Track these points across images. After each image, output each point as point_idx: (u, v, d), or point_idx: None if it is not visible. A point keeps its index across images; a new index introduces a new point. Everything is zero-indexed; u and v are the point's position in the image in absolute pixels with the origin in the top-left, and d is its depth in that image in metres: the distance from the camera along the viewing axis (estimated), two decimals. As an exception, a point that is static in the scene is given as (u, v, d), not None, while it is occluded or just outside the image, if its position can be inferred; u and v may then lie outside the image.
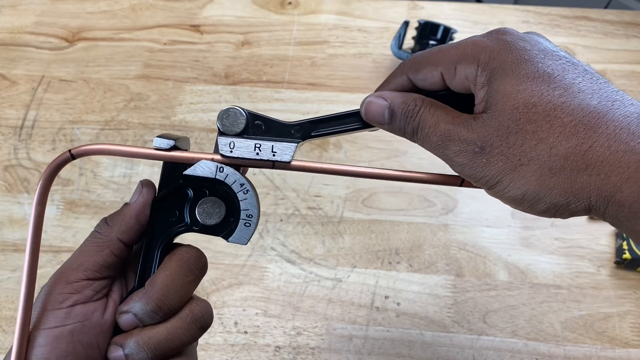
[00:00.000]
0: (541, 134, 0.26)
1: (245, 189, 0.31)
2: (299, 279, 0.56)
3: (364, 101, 0.31)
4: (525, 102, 0.26)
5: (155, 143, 0.31)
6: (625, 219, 0.25)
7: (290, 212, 0.60)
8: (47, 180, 0.30)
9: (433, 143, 0.29)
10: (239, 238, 0.32)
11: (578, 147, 0.25)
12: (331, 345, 0.52)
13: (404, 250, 0.57)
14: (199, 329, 0.31)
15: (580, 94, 0.26)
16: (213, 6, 0.79)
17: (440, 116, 0.29)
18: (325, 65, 0.72)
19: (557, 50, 0.28)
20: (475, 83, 0.28)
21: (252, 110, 0.32)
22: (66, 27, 0.77)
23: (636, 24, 0.75)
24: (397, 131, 0.31)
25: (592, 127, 0.25)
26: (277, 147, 0.31)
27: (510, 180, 0.27)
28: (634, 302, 0.54)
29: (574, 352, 0.51)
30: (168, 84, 0.71)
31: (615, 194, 0.25)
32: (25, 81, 0.71)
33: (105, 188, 0.62)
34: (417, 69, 0.31)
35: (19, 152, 0.65)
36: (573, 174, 0.25)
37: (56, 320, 0.28)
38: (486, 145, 0.27)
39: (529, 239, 0.58)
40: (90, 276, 0.30)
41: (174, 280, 0.30)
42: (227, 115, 0.31)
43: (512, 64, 0.27)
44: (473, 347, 0.52)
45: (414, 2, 0.78)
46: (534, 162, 0.26)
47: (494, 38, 0.29)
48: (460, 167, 0.28)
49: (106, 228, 0.31)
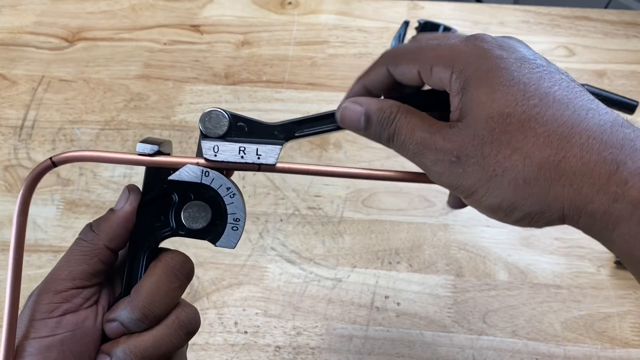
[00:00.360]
0: (515, 144, 0.26)
1: (231, 192, 0.31)
2: (299, 279, 0.56)
3: (340, 106, 0.31)
4: (500, 112, 0.26)
5: (139, 148, 0.30)
6: (598, 229, 0.25)
7: (290, 212, 0.60)
8: (28, 189, 0.29)
9: (409, 151, 0.29)
10: (227, 242, 0.32)
11: (552, 157, 0.25)
12: (331, 345, 0.52)
13: (404, 250, 0.57)
14: (185, 334, 0.31)
15: (555, 104, 0.26)
16: (213, 6, 0.79)
17: (416, 124, 0.29)
18: (325, 65, 0.72)
19: (534, 58, 0.28)
20: (450, 88, 0.28)
21: (235, 112, 0.32)
22: (66, 27, 0.77)
23: (636, 24, 0.75)
24: (373, 137, 0.31)
25: (565, 137, 0.25)
26: (262, 149, 0.31)
27: (486, 190, 0.27)
28: (634, 302, 0.54)
29: (574, 352, 0.51)
30: (168, 84, 0.71)
31: (587, 205, 0.25)
32: (25, 81, 0.71)
33: (105, 188, 0.62)
34: (396, 62, 0.31)
35: (19, 152, 0.65)
36: (547, 184, 0.25)
37: (47, 330, 0.28)
38: (462, 155, 0.27)
39: (529, 239, 0.58)
40: (79, 285, 0.30)
41: (160, 287, 0.30)
42: (210, 118, 0.31)
43: (488, 72, 0.27)
44: (473, 347, 0.52)
45: (414, 2, 0.78)
46: (509, 173, 0.26)
47: (472, 44, 0.29)
48: (438, 176, 0.28)
49: (93, 235, 0.31)
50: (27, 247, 0.57)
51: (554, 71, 0.28)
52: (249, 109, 0.68)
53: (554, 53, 0.73)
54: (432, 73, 0.29)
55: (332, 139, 0.65)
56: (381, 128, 0.30)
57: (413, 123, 0.29)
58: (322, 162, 0.64)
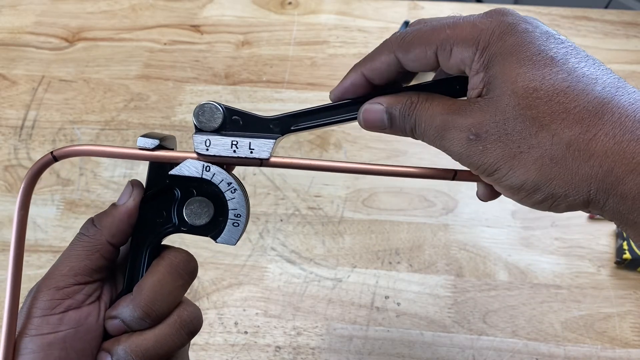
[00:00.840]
0: (542, 120, 0.25)
1: (232, 188, 0.30)
2: (299, 279, 0.56)
3: (360, 109, 0.30)
4: (526, 87, 0.25)
5: (139, 143, 0.30)
6: (627, 211, 0.24)
7: (290, 212, 0.60)
8: (30, 183, 0.29)
9: (431, 137, 0.28)
10: (228, 239, 0.31)
11: (582, 135, 0.24)
12: (331, 345, 0.52)
13: (404, 250, 0.57)
14: (187, 334, 0.30)
15: (584, 79, 0.25)
16: (213, 6, 0.79)
17: (435, 109, 0.28)
18: (325, 65, 0.72)
19: (558, 35, 0.27)
20: (471, 67, 0.27)
21: (230, 105, 0.31)
22: (66, 27, 0.77)
23: (636, 24, 0.75)
24: (399, 132, 0.30)
25: (597, 114, 0.24)
26: (255, 143, 0.30)
27: (509, 168, 0.26)
28: (634, 302, 0.54)
29: (574, 352, 0.51)
30: (168, 84, 0.71)
31: (617, 186, 0.24)
32: (25, 81, 0.71)
33: (105, 188, 0.62)
34: (408, 48, 0.29)
35: (19, 152, 0.65)
36: (575, 164, 0.24)
37: (49, 327, 0.28)
38: (481, 132, 0.26)
39: (529, 239, 0.58)
40: (81, 281, 0.29)
41: (163, 286, 0.30)
42: (203, 112, 0.30)
43: (514, 47, 0.26)
44: (473, 347, 0.52)
45: (414, 2, 0.78)
46: (535, 150, 0.25)
47: (495, 19, 0.27)
48: (458, 156, 0.27)
49: (95, 230, 0.30)
50: (27, 247, 0.57)
51: (579, 48, 0.27)
52: (249, 109, 0.68)
53: (554, 53, 0.73)
54: (452, 54, 0.27)
55: (332, 139, 0.65)
56: (404, 121, 0.29)
57: (432, 109, 0.28)
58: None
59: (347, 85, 0.31)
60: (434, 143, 0.29)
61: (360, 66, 0.30)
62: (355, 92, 0.31)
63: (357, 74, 0.31)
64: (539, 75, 0.25)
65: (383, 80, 0.30)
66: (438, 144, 0.28)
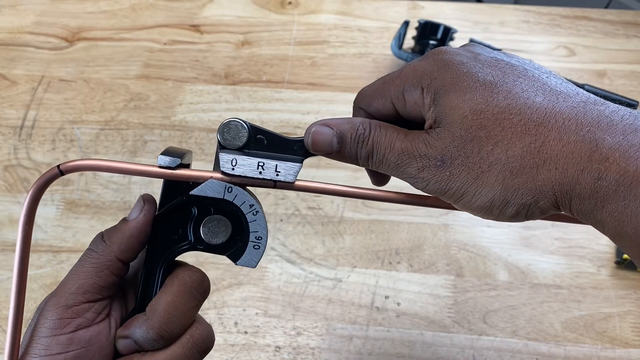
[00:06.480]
0: (495, 137, 0.26)
1: (254, 210, 0.30)
2: (299, 279, 0.56)
3: (309, 131, 0.30)
4: (473, 110, 0.26)
5: (160, 161, 0.29)
6: (588, 211, 0.25)
7: (290, 212, 0.60)
8: (34, 198, 0.28)
9: (391, 164, 0.29)
10: (248, 261, 0.31)
11: (532, 144, 0.25)
12: (331, 346, 0.52)
13: (404, 250, 0.57)
14: (199, 353, 0.30)
15: (524, 94, 0.26)
16: (213, 6, 0.79)
17: (392, 135, 0.29)
18: (325, 65, 0.72)
19: (494, 55, 0.29)
20: (423, 105, 0.29)
21: (255, 124, 0.31)
22: (66, 27, 0.77)
23: (636, 24, 0.75)
24: (348, 158, 0.30)
25: (542, 123, 0.25)
26: (281, 166, 0.30)
27: (475, 189, 0.27)
28: (634, 302, 0.54)
29: (574, 352, 0.51)
30: (168, 84, 0.71)
31: (575, 186, 0.25)
32: (25, 81, 0.71)
33: (105, 188, 0.62)
34: (369, 102, 0.31)
35: (19, 152, 0.65)
36: (533, 171, 0.25)
37: (59, 347, 0.27)
38: (446, 158, 0.27)
39: (529, 239, 0.58)
40: (91, 298, 0.29)
41: (177, 307, 0.29)
42: (229, 129, 0.29)
43: (453, 80, 0.28)
44: (473, 347, 0.52)
45: (414, 2, 0.78)
46: (494, 167, 0.26)
47: (431, 60, 0.29)
48: (425, 183, 0.28)
49: (104, 247, 0.30)
50: (27, 247, 0.57)
51: (515, 64, 0.28)
52: (249, 109, 0.68)
53: (554, 53, 0.73)
54: (406, 100, 0.29)
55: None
56: (357, 146, 0.29)
57: (389, 135, 0.29)
58: (325, 167, 0.64)
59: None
60: (394, 170, 0.29)
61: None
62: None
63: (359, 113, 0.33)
64: (482, 99, 0.27)
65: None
66: (400, 171, 0.29)
